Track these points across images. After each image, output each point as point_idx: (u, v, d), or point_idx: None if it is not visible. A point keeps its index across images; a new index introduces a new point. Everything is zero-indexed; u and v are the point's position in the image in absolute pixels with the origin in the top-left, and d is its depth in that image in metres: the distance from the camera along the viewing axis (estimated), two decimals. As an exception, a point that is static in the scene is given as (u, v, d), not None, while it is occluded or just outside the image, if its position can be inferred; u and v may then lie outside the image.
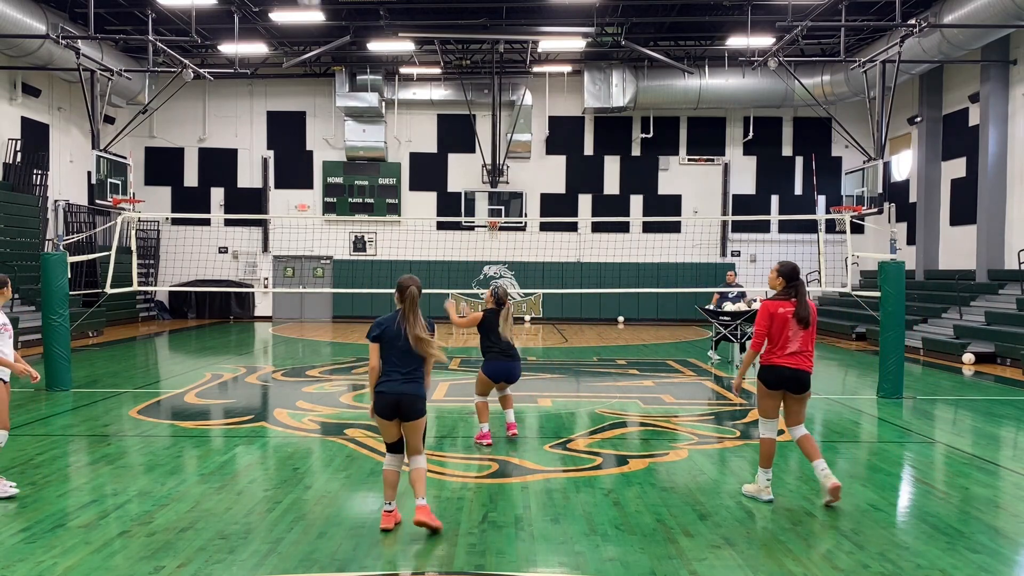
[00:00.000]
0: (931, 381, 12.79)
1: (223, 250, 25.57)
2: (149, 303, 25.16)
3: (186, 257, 23.90)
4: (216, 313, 25.72)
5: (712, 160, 25.94)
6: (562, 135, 25.78)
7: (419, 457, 5.41)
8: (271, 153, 25.87)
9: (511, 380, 7.86)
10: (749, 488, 6.15)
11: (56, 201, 21.81)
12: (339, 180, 25.46)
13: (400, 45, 21.49)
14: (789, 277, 5.92)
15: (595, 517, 5.56)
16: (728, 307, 14.44)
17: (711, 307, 14.82)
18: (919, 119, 22.00)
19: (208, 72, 19.65)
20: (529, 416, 9.35)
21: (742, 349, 14.55)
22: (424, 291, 5.47)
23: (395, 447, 5.42)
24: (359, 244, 25.82)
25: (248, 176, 25.91)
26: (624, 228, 25.29)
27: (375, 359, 5.33)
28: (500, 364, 7.70)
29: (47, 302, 10.87)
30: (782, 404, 5.98)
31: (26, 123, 20.75)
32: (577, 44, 21.50)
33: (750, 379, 7.91)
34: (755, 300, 14.43)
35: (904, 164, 23.75)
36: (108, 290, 13.17)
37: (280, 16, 19.00)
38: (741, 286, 15.36)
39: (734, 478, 6.68)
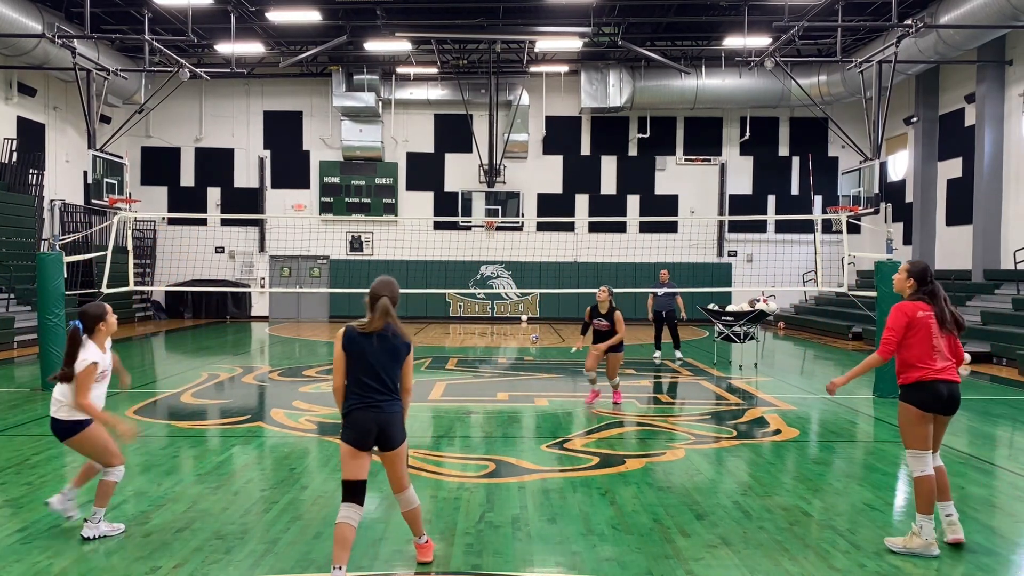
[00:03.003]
0: (927, 381, 12.77)
1: (219, 250, 25.54)
2: (145, 303, 25.13)
3: (182, 257, 23.86)
4: (212, 313, 25.68)
5: (709, 160, 25.97)
6: (559, 135, 25.79)
7: (408, 493, 4.49)
8: (267, 153, 25.85)
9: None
10: (912, 544, 4.87)
11: (52, 201, 21.77)
12: (336, 180, 25.44)
13: (397, 45, 21.48)
14: (921, 279, 5.23)
15: (592, 517, 5.56)
16: (730, 307, 14.44)
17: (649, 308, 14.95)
18: (915, 119, 22.05)
19: (204, 72, 19.63)
20: (526, 416, 9.36)
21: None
22: (421, 291, 5.45)
23: (355, 493, 4.23)
24: (356, 244, 25.81)
25: (245, 176, 25.89)
26: (621, 228, 25.31)
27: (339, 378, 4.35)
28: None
29: (43, 302, 10.85)
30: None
31: (22, 123, 20.70)
32: (574, 44, 21.51)
33: (748, 378, 7.88)
34: (756, 300, 14.42)
35: (900, 164, 23.80)
36: (104, 290, 13.12)
37: (277, 16, 18.99)
38: (674, 285, 15.48)
39: (731, 478, 6.69)
